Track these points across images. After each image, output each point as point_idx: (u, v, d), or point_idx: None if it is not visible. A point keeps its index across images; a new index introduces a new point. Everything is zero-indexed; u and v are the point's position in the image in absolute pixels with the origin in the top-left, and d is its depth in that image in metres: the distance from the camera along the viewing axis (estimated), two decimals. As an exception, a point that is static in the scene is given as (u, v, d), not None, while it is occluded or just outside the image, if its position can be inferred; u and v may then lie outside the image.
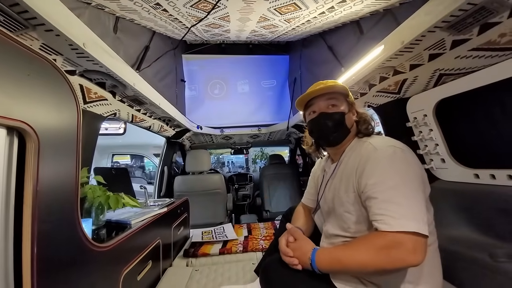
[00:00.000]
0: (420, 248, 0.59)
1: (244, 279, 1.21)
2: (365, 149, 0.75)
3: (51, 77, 0.61)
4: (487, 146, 0.96)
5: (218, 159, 7.62)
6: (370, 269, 0.63)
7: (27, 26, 0.67)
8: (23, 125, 0.50)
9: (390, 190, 0.63)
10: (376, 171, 0.68)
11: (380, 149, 0.71)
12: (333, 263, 0.69)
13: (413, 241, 0.58)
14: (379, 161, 0.69)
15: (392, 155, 0.69)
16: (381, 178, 0.66)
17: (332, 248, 0.77)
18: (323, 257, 0.71)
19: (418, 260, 0.58)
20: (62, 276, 0.59)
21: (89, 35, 0.80)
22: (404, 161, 0.68)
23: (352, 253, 0.65)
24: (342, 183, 0.80)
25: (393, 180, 0.65)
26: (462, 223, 1.01)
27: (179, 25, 1.39)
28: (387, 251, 0.59)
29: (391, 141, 0.75)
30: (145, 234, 1.07)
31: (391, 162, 0.68)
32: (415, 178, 0.67)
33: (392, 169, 0.67)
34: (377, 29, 1.16)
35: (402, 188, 0.63)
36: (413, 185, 0.65)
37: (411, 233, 0.58)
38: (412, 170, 0.68)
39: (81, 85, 0.97)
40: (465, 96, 0.92)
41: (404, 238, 0.58)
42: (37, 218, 0.52)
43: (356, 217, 0.75)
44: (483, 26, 0.72)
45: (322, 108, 0.85)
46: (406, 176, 0.66)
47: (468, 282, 0.91)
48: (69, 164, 0.63)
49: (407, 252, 0.58)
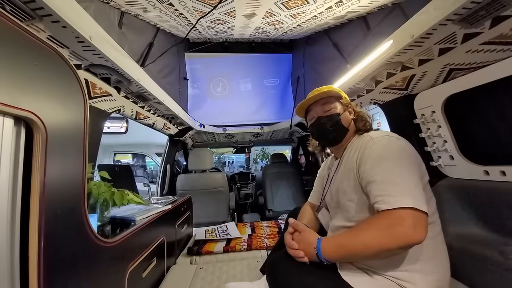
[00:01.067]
0: (420, 224, 0.60)
1: (249, 277, 1.20)
2: (363, 141, 0.81)
3: (60, 69, 0.60)
4: (497, 142, 0.94)
5: (219, 159, 7.62)
6: (375, 249, 0.63)
7: (33, 17, 0.66)
8: (31, 115, 0.49)
9: (386, 172, 0.67)
10: (371, 156, 0.73)
11: (376, 138, 0.77)
12: (338, 250, 0.70)
13: (412, 217, 0.60)
14: (375, 148, 0.74)
15: (387, 142, 0.74)
16: (377, 162, 0.71)
17: (336, 235, 0.79)
18: (328, 245, 0.72)
19: (420, 236, 0.59)
20: (69, 270, 0.58)
21: (96, 28, 0.79)
22: (399, 147, 0.73)
23: (356, 236, 0.67)
24: (345, 174, 0.84)
25: (387, 163, 0.69)
26: (472, 220, 1.00)
27: (183, 21, 1.38)
28: (389, 228, 0.61)
29: (388, 132, 0.81)
30: (149, 231, 1.06)
31: (386, 147, 0.73)
32: (409, 161, 0.70)
33: (386, 153, 0.71)
34: (384, 24, 1.14)
35: (397, 169, 0.67)
36: (407, 167, 0.68)
37: (410, 209, 0.61)
38: (406, 154, 0.72)
39: (87, 80, 0.96)
40: (475, 91, 0.91)
41: (404, 214, 0.60)
42: (45, 210, 0.51)
43: (359, 205, 0.77)
44: (495, 19, 0.71)
45: (319, 113, 0.94)
46: (400, 159, 0.69)
47: (478, 280, 0.89)
48: (76, 157, 0.62)
49: (408, 228, 0.59)
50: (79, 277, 0.61)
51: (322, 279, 0.72)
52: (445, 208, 1.06)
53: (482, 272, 0.88)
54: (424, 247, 0.69)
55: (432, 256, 0.70)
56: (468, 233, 0.99)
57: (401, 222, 0.60)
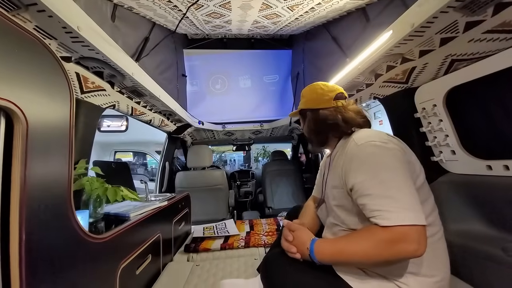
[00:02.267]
0: (422, 238, 0.59)
1: (246, 274, 1.18)
2: (349, 145, 0.76)
3: (44, 60, 0.57)
4: (500, 136, 0.91)
5: (220, 157, 7.61)
6: (373, 260, 0.64)
7: (19, 7, 0.64)
8: (11, 105, 0.47)
9: (381, 185, 0.63)
10: (361, 168, 0.68)
11: (361, 145, 0.71)
12: (334, 255, 0.69)
13: (415, 232, 0.58)
14: (363, 159, 0.69)
15: (376, 150, 0.69)
16: (369, 175, 0.66)
17: (332, 240, 0.76)
18: (323, 248, 0.71)
19: (422, 251, 0.58)
20: (53, 265, 0.56)
21: (84, 19, 0.77)
22: (388, 153, 0.68)
23: (354, 244, 0.66)
24: (334, 178, 0.83)
25: (381, 175, 0.64)
26: (474, 217, 0.97)
27: (178, 14, 1.35)
28: (392, 244, 0.59)
29: (372, 135, 0.73)
30: (144, 228, 1.04)
31: (376, 156, 0.68)
32: (403, 169, 0.66)
33: (377, 164, 0.67)
34: (384, 15, 1.11)
35: (392, 182, 0.63)
36: (402, 176, 0.65)
37: (413, 225, 0.58)
38: (398, 162, 0.67)
39: (78, 74, 0.94)
40: (477, 83, 0.88)
41: (407, 230, 0.58)
42: (26, 205, 0.49)
43: (348, 210, 0.76)
44: (498, 6, 0.67)
45: None
46: (393, 169, 0.65)
47: (479, 278, 0.87)
48: (61, 151, 0.60)
49: (411, 244, 0.58)
50: (64, 273, 0.59)
51: (317, 278, 0.71)
52: (446, 204, 1.03)
53: (483, 270, 0.86)
54: None
55: (430, 258, 0.68)
56: (469, 230, 0.96)
57: (405, 238, 0.58)
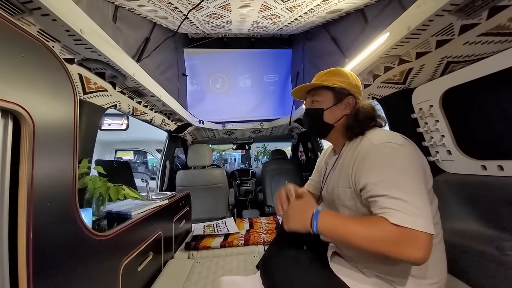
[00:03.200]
0: (429, 248, 0.57)
1: (245, 272, 1.20)
2: (363, 144, 0.73)
3: (48, 62, 0.59)
4: (495, 137, 0.93)
5: (220, 156, 7.62)
6: (371, 250, 0.60)
7: (23, 11, 0.66)
8: (18, 107, 0.49)
9: (395, 189, 0.61)
10: (377, 169, 0.66)
11: (378, 145, 0.69)
12: (336, 226, 0.65)
13: (426, 240, 0.56)
14: (379, 159, 0.67)
15: (392, 152, 0.67)
16: (384, 176, 0.64)
17: (338, 213, 0.75)
18: (327, 216, 0.67)
19: (426, 260, 0.57)
20: (59, 262, 0.58)
21: (87, 22, 0.79)
22: (406, 157, 0.66)
23: (361, 229, 0.62)
24: (340, 176, 0.79)
25: (397, 178, 0.62)
26: (469, 216, 0.99)
27: (179, 15, 1.36)
28: (399, 243, 0.57)
29: (390, 136, 0.72)
30: (145, 226, 1.06)
31: (392, 159, 0.66)
32: (417, 173, 0.65)
33: (394, 166, 0.64)
34: (382, 17, 1.12)
35: (407, 186, 0.61)
36: (417, 181, 0.63)
37: (423, 232, 0.56)
38: (414, 165, 0.66)
39: (80, 75, 0.96)
40: (473, 85, 0.89)
41: (419, 236, 0.56)
42: (33, 203, 0.51)
43: (352, 211, 0.75)
44: (492, 10, 0.69)
45: (307, 103, 0.89)
46: (409, 173, 0.63)
47: (474, 276, 0.89)
48: (66, 151, 0.62)
49: (420, 251, 0.56)
50: (70, 269, 0.61)
51: (315, 276, 0.72)
52: (442, 203, 1.04)
53: (478, 268, 0.88)
54: None
55: (430, 260, 0.66)
56: (464, 229, 0.98)
57: (414, 242, 0.56)
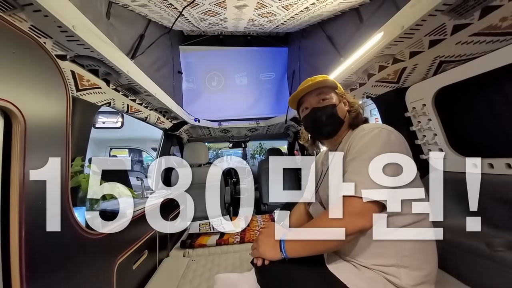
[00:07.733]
0: (367, 212, 0.64)
1: (241, 269, 1.21)
2: (354, 135, 0.79)
3: (39, 59, 0.58)
4: (486, 135, 0.94)
5: (217, 154, 7.60)
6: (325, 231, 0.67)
7: (15, 7, 0.65)
8: (9, 104, 0.49)
9: (360, 162, 0.68)
10: (357, 146, 0.72)
11: (367, 130, 0.75)
12: (302, 245, 0.72)
13: (365, 207, 0.64)
14: (362, 138, 0.73)
15: (377, 134, 0.72)
16: (360, 152, 0.70)
17: (299, 230, 0.80)
18: (292, 242, 0.74)
19: (366, 225, 0.64)
20: (52, 261, 0.58)
21: (79, 18, 0.78)
22: (387, 139, 0.71)
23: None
24: (333, 172, 0.83)
25: (368, 153, 0.68)
26: (460, 213, 1.01)
27: (174, 12, 1.35)
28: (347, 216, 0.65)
29: (382, 124, 0.78)
30: (140, 224, 1.06)
31: (373, 138, 0.71)
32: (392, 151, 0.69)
33: (371, 143, 0.70)
34: (377, 16, 1.13)
35: (369, 160, 0.67)
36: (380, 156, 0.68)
37: (373, 201, 0.63)
38: (394, 148, 0.70)
39: (73, 72, 0.94)
40: (465, 84, 0.91)
41: (364, 205, 0.64)
42: (25, 202, 0.51)
43: None
44: (484, 10, 0.70)
45: (313, 104, 0.88)
46: (383, 151, 0.68)
47: (465, 272, 0.90)
48: (58, 148, 0.61)
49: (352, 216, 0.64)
50: (63, 268, 0.61)
51: (309, 272, 0.72)
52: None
53: (469, 264, 0.89)
54: (413, 244, 0.70)
55: (420, 252, 0.70)
56: (455, 225, 0.99)
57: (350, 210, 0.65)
